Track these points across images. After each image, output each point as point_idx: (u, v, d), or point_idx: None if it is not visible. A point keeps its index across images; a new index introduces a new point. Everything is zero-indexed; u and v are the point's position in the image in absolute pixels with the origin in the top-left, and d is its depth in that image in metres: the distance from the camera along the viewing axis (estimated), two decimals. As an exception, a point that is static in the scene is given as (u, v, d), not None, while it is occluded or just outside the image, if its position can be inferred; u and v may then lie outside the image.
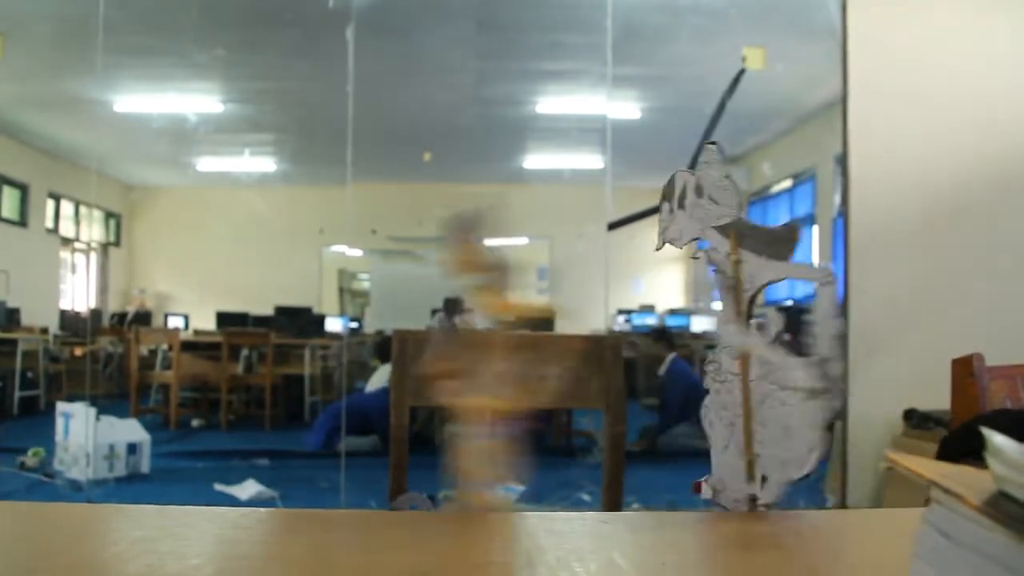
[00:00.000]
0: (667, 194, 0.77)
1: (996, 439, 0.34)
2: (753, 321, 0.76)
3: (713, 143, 0.76)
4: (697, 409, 0.77)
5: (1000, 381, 1.40)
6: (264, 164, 9.54)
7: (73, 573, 0.51)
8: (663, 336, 5.79)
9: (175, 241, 10.04)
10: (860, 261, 3.56)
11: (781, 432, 0.73)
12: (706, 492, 0.77)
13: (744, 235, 0.75)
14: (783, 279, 0.75)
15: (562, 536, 0.62)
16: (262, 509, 0.69)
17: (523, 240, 10.51)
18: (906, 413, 3.66)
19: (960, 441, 1.19)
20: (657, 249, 0.79)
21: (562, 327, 7.93)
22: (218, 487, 3.96)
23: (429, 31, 6.00)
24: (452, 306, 6.33)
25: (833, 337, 0.74)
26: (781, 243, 0.74)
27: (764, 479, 0.74)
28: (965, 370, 1.38)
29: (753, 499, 0.75)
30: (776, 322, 0.75)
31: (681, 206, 0.77)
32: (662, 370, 5.50)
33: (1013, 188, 3.55)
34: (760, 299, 0.77)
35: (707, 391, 0.78)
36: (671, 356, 5.55)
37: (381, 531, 0.66)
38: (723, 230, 0.76)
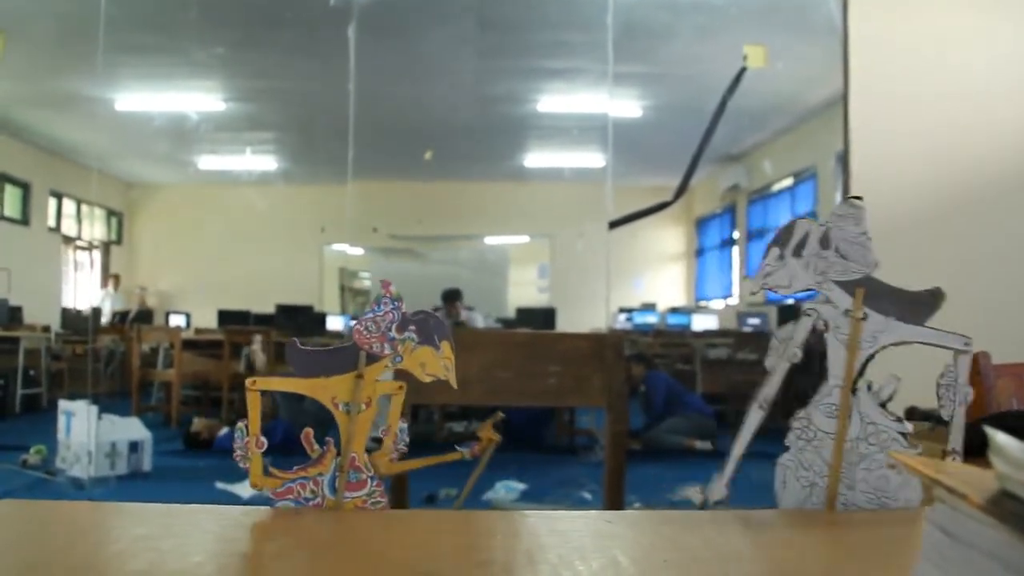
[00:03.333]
0: (782, 240, 0.74)
1: (999, 437, 0.34)
2: (863, 381, 0.73)
3: (859, 198, 0.73)
4: (679, 404, 0.76)
5: (1006, 379, 1.39)
6: (265, 162, 9.54)
7: (75, 571, 0.51)
8: (641, 359, 6.05)
9: (176, 239, 10.05)
10: (862, 259, 3.56)
11: (873, 494, 0.71)
12: None
13: (874, 294, 0.72)
14: (914, 343, 0.72)
15: (564, 535, 0.62)
16: (264, 507, 0.69)
17: (524, 238, 10.52)
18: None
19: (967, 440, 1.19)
20: (753, 293, 0.75)
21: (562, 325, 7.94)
22: (220, 485, 3.96)
23: (430, 29, 6.00)
24: (451, 296, 6.31)
25: (963, 405, 0.73)
26: (919, 306, 0.72)
27: None
28: (971, 368, 1.38)
29: None
30: (891, 385, 0.73)
31: (797, 254, 0.73)
32: (642, 387, 5.78)
33: (1017, 185, 3.54)
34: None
35: (786, 448, 0.73)
36: (647, 373, 5.85)
37: (383, 529, 0.66)
38: (846, 286, 0.73)
